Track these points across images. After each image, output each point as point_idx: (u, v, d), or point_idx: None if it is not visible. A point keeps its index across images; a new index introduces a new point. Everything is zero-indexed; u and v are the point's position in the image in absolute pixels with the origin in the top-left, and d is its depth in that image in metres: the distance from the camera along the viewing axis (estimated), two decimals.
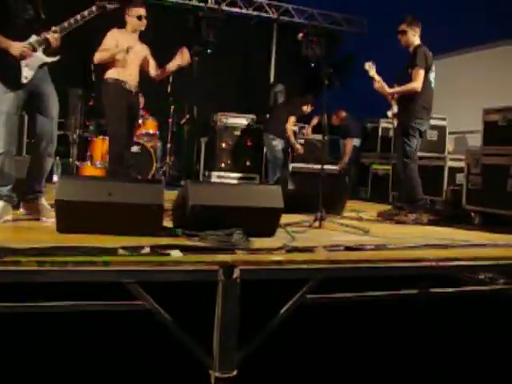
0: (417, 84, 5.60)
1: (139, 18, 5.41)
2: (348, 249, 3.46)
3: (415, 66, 5.60)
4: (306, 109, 8.90)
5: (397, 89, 5.63)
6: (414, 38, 5.80)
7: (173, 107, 9.18)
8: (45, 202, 4.14)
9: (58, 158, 7.89)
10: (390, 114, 5.93)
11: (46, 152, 4.09)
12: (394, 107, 5.87)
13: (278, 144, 8.55)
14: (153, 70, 5.61)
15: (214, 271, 2.83)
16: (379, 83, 5.59)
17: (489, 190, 5.91)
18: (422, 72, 5.60)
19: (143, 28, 5.48)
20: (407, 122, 5.69)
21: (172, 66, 5.47)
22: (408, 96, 5.66)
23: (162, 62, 5.57)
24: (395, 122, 5.94)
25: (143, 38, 5.60)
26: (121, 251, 2.84)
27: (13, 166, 3.95)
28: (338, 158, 9.60)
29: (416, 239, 4.13)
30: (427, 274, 3.53)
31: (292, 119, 8.72)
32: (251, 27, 12.30)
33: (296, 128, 9.45)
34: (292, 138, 8.89)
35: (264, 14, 12.21)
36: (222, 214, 3.57)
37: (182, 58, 5.39)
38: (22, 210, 4.20)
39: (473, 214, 6.03)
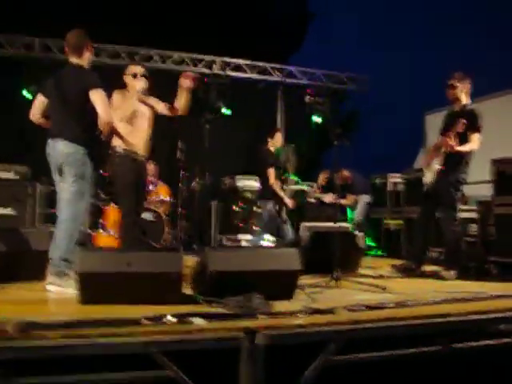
0: (476, 147, 5.67)
1: (134, 75, 5.31)
2: (369, 308, 3.46)
3: (476, 130, 5.65)
4: (274, 143, 8.34)
5: (461, 148, 5.64)
6: (462, 93, 5.85)
7: (183, 172, 9.29)
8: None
9: None
10: (432, 167, 5.92)
11: None
12: (435, 162, 5.87)
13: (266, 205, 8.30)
14: (165, 111, 5.51)
15: (237, 337, 2.83)
16: (452, 140, 5.60)
17: (503, 240, 5.91)
18: (479, 136, 5.67)
19: (141, 86, 5.29)
20: (456, 176, 5.74)
21: (180, 97, 5.36)
22: (459, 153, 5.69)
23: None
24: (429, 176, 5.94)
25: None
26: (144, 321, 2.86)
27: None
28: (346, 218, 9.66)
29: (435, 294, 4.13)
30: (448, 328, 3.51)
31: (271, 172, 8.06)
32: (257, 90, 12.55)
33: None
34: (279, 193, 8.28)
35: (269, 78, 12.48)
36: (241, 278, 3.60)
37: (184, 82, 5.31)
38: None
39: (489, 265, 6.00)
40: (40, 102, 4.71)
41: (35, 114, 4.72)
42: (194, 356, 2.92)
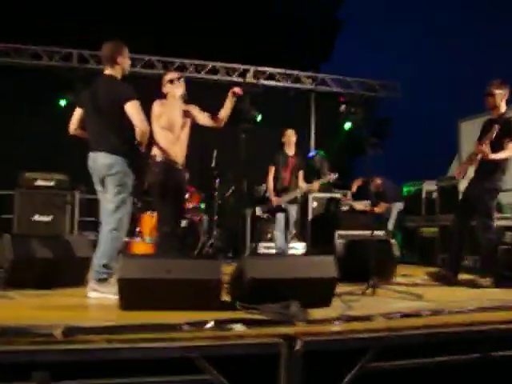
0: (510, 155, 5.67)
1: (171, 81, 5.40)
2: (406, 315, 3.48)
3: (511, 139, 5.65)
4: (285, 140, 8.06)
5: (496, 156, 5.60)
6: (502, 102, 5.84)
7: (217, 180, 9.40)
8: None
9: None
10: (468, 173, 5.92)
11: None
12: (470, 169, 5.87)
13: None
14: (207, 121, 5.54)
15: (276, 343, 2.88)
16: (487, 147, 5.60)
17: None
18: None
19: (180, 92, 5.40)
20: (492, 184, 5.74)
21: (227, 104, 5.40)
22: (494, 160, 5.68)
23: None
24: (465, 184, 5.94)
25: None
26: (186, 327, 2.92)
27: None
28: (384, 225, 9.64)
29: (472, 302, 4.13)
30: (487, 337, 3.50)
31: (271, 169, 7.90)
32: (290, 98, 12.62)
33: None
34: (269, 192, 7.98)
35: (301, 86, 12.55)
36: (278, 286, 3.65)
37: (233, 93, 5.33)
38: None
39: None
40: (77, 114, 4.83)
41: (74, 126, 4.84)
42: (234, 362, 2.97)
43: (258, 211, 8.06)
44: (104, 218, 4.60)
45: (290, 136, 8.01)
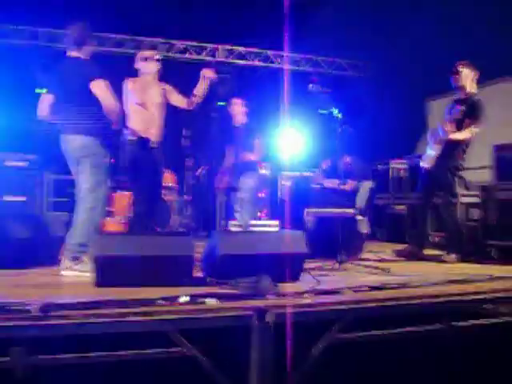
0: (468, 136, 5.80)
1: (145, 59, 5.41)
2: (373, 288, 3.61)
3: (474, 120, 5.75)
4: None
5: (456, 135, 5.76)
6: (467, 81, 5.90)
7: (188, 160, 9.41)
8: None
9: None
10: (432, 153, 6.04)
11: None
12: (437, 148, 6.00)
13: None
14: (181, 102, 5.55)
15: (248, 316, 2.99)
16: (451, 127, 5.69)
17: (504, 225, 6.03)
18: (476, 127, 5.77)
19: (153, 69, 5.41)
20: (454, 162, 5.88)
21: (199, 87, 5.42)
22: (455, 140, 5.83)
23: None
24: (430, 162, 6.06)
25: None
26: (159, 302, 3.01)
27: None
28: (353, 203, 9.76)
29: (437, 276, 4.28)
30: (450, 308, 3.65)
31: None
32: (259, 78, 12.65)
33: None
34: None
35: (271, 65, 12.59)
36: (249, 261, 3.74)
37: (204, 76, 5.37)
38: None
39: (490, 249, 6.14)
40: (46, 99, 4.80)
41: (43, 110, 4.82)
42: (207, 335, 3.07)
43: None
44: (80, 198, 4.63)
45: (234, 105, 7.30)
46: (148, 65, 5.38)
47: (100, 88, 4.50)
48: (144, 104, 5.32)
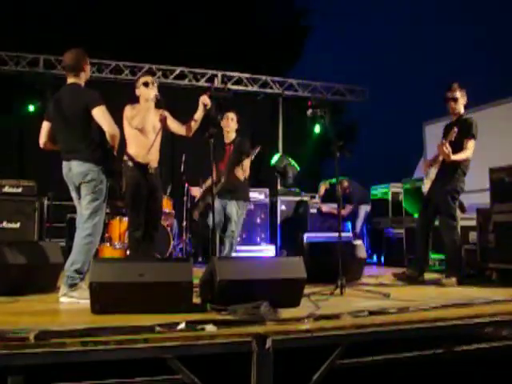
0: (470, 154, 5.82)
1: (145, 84, 5.41)
2: (372, 313, 3.59)
3: (472, 137, 5.80)
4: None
5: (456, 156, 5.73)
6: (462, 106, 6.01)
7: (187, 185, 9.43)
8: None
9: None
10: (429, 176, 6.06)
11: None
12: (433, 170, 6.02)
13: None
14: (179, 129, 5.58)
15: (247, 342, 2.96)
16: (447, 148, 5.71)
17: (503, 247, 6.02)
18: (474, 143, 5.82)
19: (153, 95, 5.39)
20: (453, 186, 5.86)
21: (198, 114, 5.44)
22: (456, 162, 5.82)
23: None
24: (427, 186, 6.07)
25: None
26: (158, 328, 2.98)
27: None
28: (352, 227, 9.79)
29: (436, 300, 4.26)
30: (450, 332, 3.63)
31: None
32: (258, 103, 12.74)
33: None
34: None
35: (269, 90, 12.68)
36: (248, 287, 3.72)
37: (203, 104, 5.37)
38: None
39: (490, 272, 6.12)
40: (45, 128, 4.82)
41: (43, 140, 4.84)
42: (207, 362, 3.04)
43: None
44: (80, 224, 4.64)
45: (229, 120, 6.72)
46: (148, 90, 5.41)
47: (102, 112, 4.52)
48: (143, 129, 5.35)
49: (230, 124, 6.69)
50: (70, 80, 4.72)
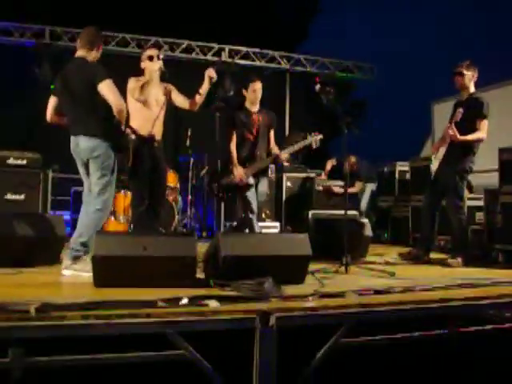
0: (484, 134, 5.73)
1: (150, 58, 5.33)
2: (377, 292, 3.55)
3: (484, 117, 5.71)
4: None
5: (468, 137, 5.67)
6: (471, 83, 5.90)
7: (192, 160, 9.37)
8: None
9: None
10: (439, 154, 5.99)
11: None
12: (442, 150, 5.95)
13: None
14: (184, 103, 5.51)
15: (250, 319, 2.93)
16: (453, 130, 5.63)
17: (510, 228, 5.97)
18: (487, 123, 5.73)
19: (157, 69, 5.31)
20: (463, 166, 5.80)
21: (204, 87, 5.36)
22: (466, 142, 5.74)
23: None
24: (435, 165, 6.00)
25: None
26: (160, 303, 2.95)
27: None
28: (357, 205, 9.71)
29: (442, 280, 4.22)
30: (455, 313, 3.60)
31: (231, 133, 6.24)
32: (265, 78, 12.61)
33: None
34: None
35: (276, 66, 12.55)
36: (252, 263, 3.69)
37: (209, 77, 5.29)
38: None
39: (496, 253, 6.08)
40: (52, 102, 4.81)
41: (50, 114, 4.82)
42: (209, 338, 3.02)
43: (215, 188, 6.37)
44: (88, 198, 4.61)
45: (257, 90, 6.26)
46: (153, 64, 5.33)
47: (109, 88, 4.47)
48: (147, 102, 5.29)
49: (259, 94, 6.25)
50: (80, 53, 4.66)
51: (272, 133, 6.31)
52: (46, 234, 4.85)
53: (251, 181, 6.05)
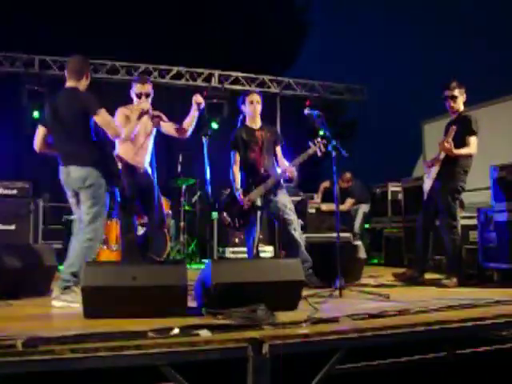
0: (473, 150, 5.73)
1: (138, 96, 5.35)
2: (372, 316, 3.49)
3: (473, 133, 5.71)
4: None
5: (461, 150, 5.65)
6: (461, 104, 5.91)
7: (184, 186, 9.35)
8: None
9: None
10: (432, 174, 5.96)
11: None
12: (434, 170, 5.92)
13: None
14: (172, 131, 5.51)
15: (243, 348, 2.86)
16: (450, 144, 5.61)
17: (504, 247, 5.93)
18: (475, 139, 5.73)
19: (145, 106, 5.24)
20: (455, 185, 5.77)
21: (192, 114, 5.35)
22: (454, 159, 5.74)
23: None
24: (428, 185, 5.98)
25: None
26: (151, 334, 2.89)
27: None
28: (350, 227, 9.69)
29: (437, 301, 4.17)
30: (452, 335, 3.54)
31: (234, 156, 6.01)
32: None
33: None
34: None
35: (267, 90, 12.58)
36: (244, 290, 3.63)
37: (197, 103, 5.27)
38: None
39: (491, 272, 6.04)
40: (41, 132, 4.76)
41: (38, 144, 4.78)
42: (201, 368, 2.95)
43: (227, 217, 5.94)
44: (80, 228, 4.56)
45: (254, 102, 5.96)
46: (140, 103, 5.33)
47: (104, 119, 4.47)
48: (136, 135, 5.30)
49: (258, 108, 5.97)
50: (70, 84, 4.65)
51: (279, 148, 6.05)
52: (35, 265, 4.78)
53: (259, 202, 5.82)
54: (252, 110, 5.94)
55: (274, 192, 5.85)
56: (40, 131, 4.77)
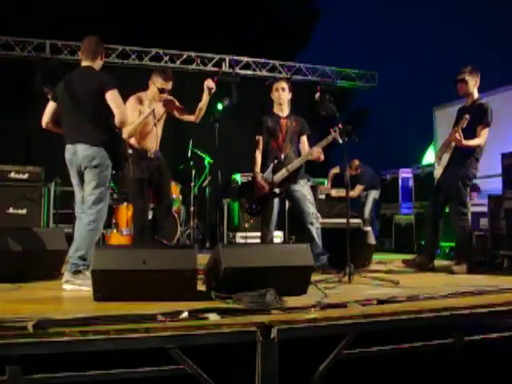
0: (483, 141, 5.70)
1: (162, 91, 5.41)
2: (381, 302, 3.50)
3: (485, 124, 5.67)
4: None
5: (470, 142, 5.60)
6: (474, 88, 5.85)
7: (194, 171, 9.36)
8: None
9: None
10: (441, 162, 5.94)
11: None
12: (445, 157, 5.89)
13: None
14: (184, 117, 5.58)
15: (251, 332, 2.88)
16: (460, 135, 5.57)
17: None
18: (487, 130, 5.69)
19: (162, 100, 5.44)
20: (465, 172, 5.74)
21: (204, 99, 5.36)
22: (468, 148, 5.70)
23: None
24: (438, 172, 5.95)
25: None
26: (160, 317, 2.91)
27: None
28: (359, 212, 9.67)
29: (447, 288, 4.16)
30: (461, 322, 3.54)
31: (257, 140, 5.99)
32: (266, 87, 12.60)
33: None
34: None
35: (277, 75, 12.54)
36: (254, 275, 3.64)
37: (208, 88, 5.27)
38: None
39: (500, 259, 6.02)
40: (51, 108, 4.73)
41: (46, 119, 4.75)
42: (210, 352, 2.97)
43: (245, 203, 6.02)
44: (82, 210, 4.56)
45: (279, 89, 5.90)
46: (161, 96, 5.43)
47: (115, 97, 4.44)
48: (146, 122, 5.35)
49: (282, 95, 5.88)
50: (86, 63, 4.64)
51: (305, 138, 5.99)
52: (45, 248, 4.79)
53: (277, 190, 5.82)
54: (277, 97, 5.91)
55: (294, 180, 5.85)
56: (50, 106, 4.74)
